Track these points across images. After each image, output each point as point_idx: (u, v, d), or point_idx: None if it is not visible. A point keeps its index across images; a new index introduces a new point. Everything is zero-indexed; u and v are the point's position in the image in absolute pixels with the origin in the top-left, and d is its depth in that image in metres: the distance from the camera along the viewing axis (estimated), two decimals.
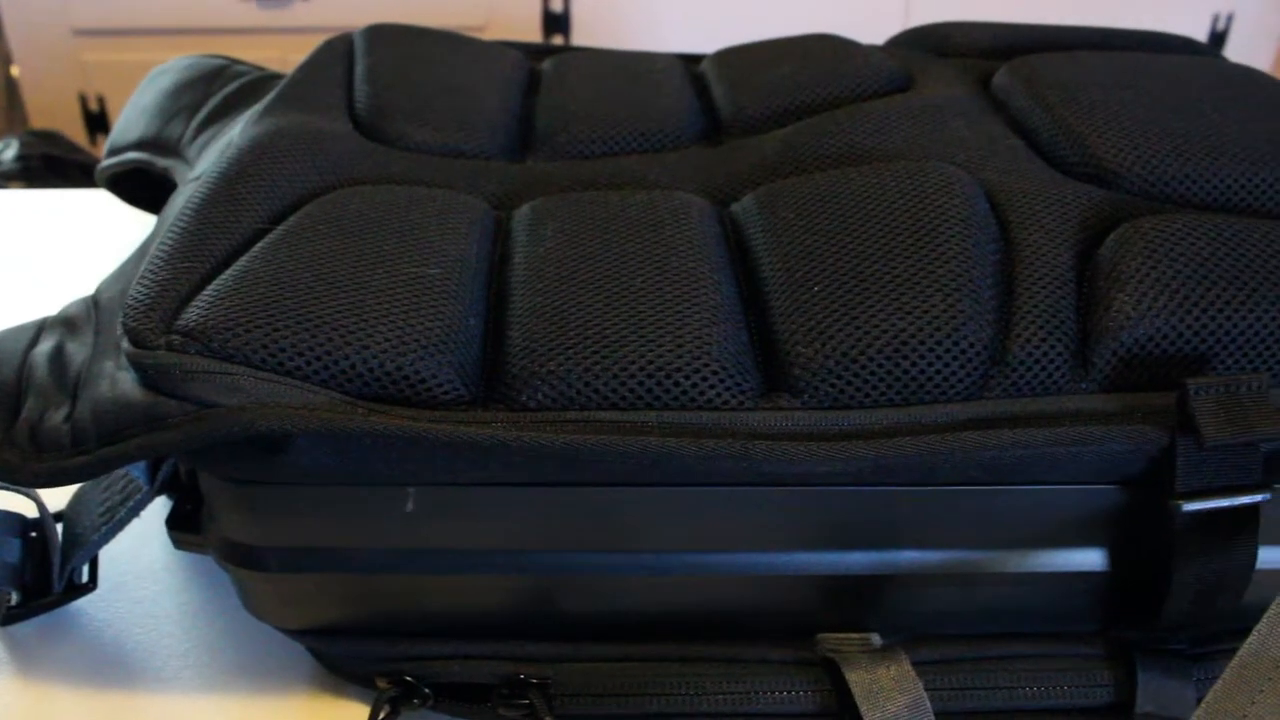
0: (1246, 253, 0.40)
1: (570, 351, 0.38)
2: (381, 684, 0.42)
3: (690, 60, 0.64)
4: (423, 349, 0.38)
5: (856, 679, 0.39)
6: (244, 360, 0.37)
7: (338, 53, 0.61)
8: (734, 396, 0.37)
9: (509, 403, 0.37)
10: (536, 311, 0.40)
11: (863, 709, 0.38)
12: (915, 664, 0.40)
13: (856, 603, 0.41)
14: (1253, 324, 0.39)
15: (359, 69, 0.58)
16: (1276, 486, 0.39)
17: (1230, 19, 2.06)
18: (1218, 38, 2.05)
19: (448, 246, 0.42)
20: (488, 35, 0.69)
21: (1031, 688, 0.42)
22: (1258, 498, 0.37)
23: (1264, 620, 0.34)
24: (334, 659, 0.44)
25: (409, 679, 0.42)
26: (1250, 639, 0.34)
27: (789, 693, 0.40)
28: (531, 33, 1.86)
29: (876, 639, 0.41)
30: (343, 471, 0.38)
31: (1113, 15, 1.93)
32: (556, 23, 1.84)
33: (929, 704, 0.38)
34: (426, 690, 0.42)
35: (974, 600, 0.41)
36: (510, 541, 0.40)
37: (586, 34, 1.86)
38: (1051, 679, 0.42)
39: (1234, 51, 2.10)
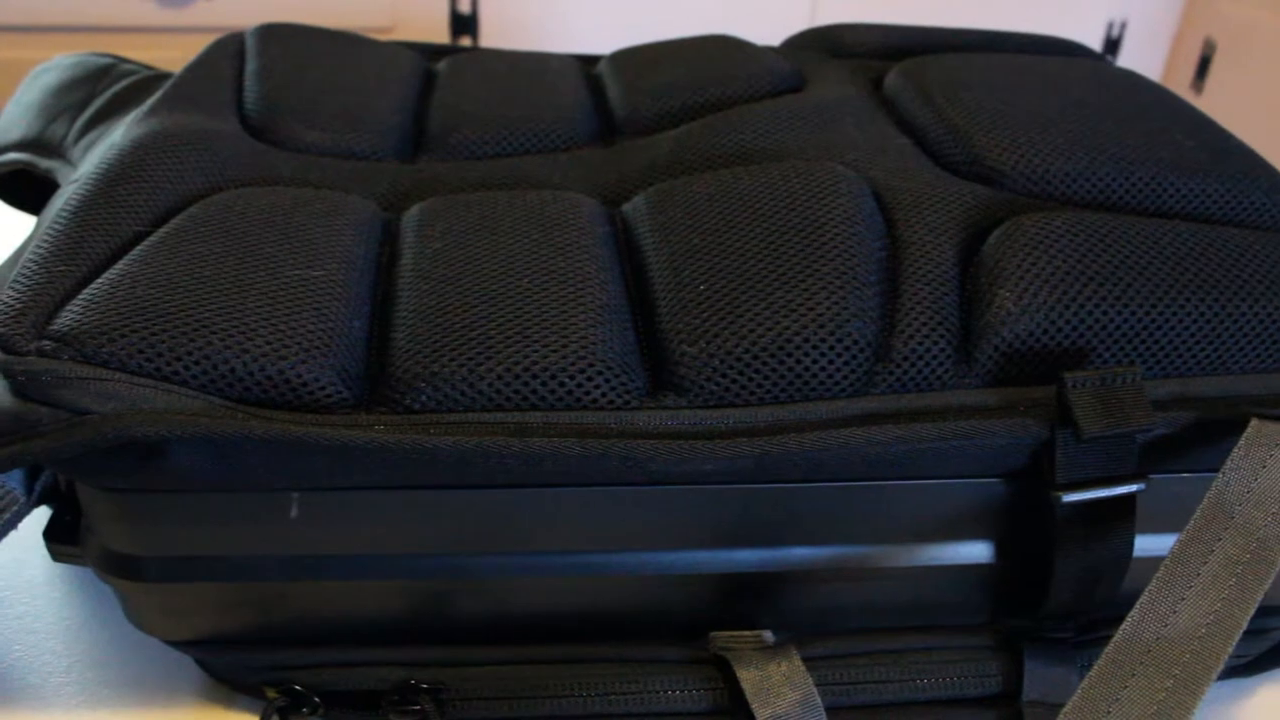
0: (1122, 249, 0.41)
1: (454, 353, 0.37)
2: (270, 694, 0.42)
3: (587, 61, 0.64)
4: (304, 352, 0.37)
5: (748, 676, 0.39)
6: (119, 365, 0.36)
7: (228, 52, 0.60)
8: (619, 396, 0.37)
9: (392, 405, 0.37)
10: (421, 313, 0.39)
11: (754, 706, 0.38)
12: (807, 659, 0.41)
13: (748, 600, 0.41)
14: (1128, 318, 0.39)
15: (250, 69, 0.57)
16: (1152, 477, 0.40)
17: (1124, 26, 2.11)
18: (1112, 44, 2.11)
19: (333, 248, 0.42)
20: (395, 36, 0.68)
21: (922, 680, 0.42)
22: (1134, 487, 0.38)
23: (1136, 607, 0.35)
24: (221, 669, 0.43)
25: (298, 688, 0.41)
26: (1124, 626, 0.35)
27: (681, 691, 0.40)
28: (439, 34, 1.84)
29: (769, 636, 0.41)
30: (223, 478, 0.37)
31: (1010, 20, 1.97)
32: (464, 24, 1.83)
33: (819, 699, 0.39)
34: (316, 699, 0.41)
35: (865, 595, 0.42)
36: (399, 545, 0.39)
37: (495, 36, 1.85)
38: (942, 671, 0.42)
39: (1128, 57, 2.16)
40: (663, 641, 0.42)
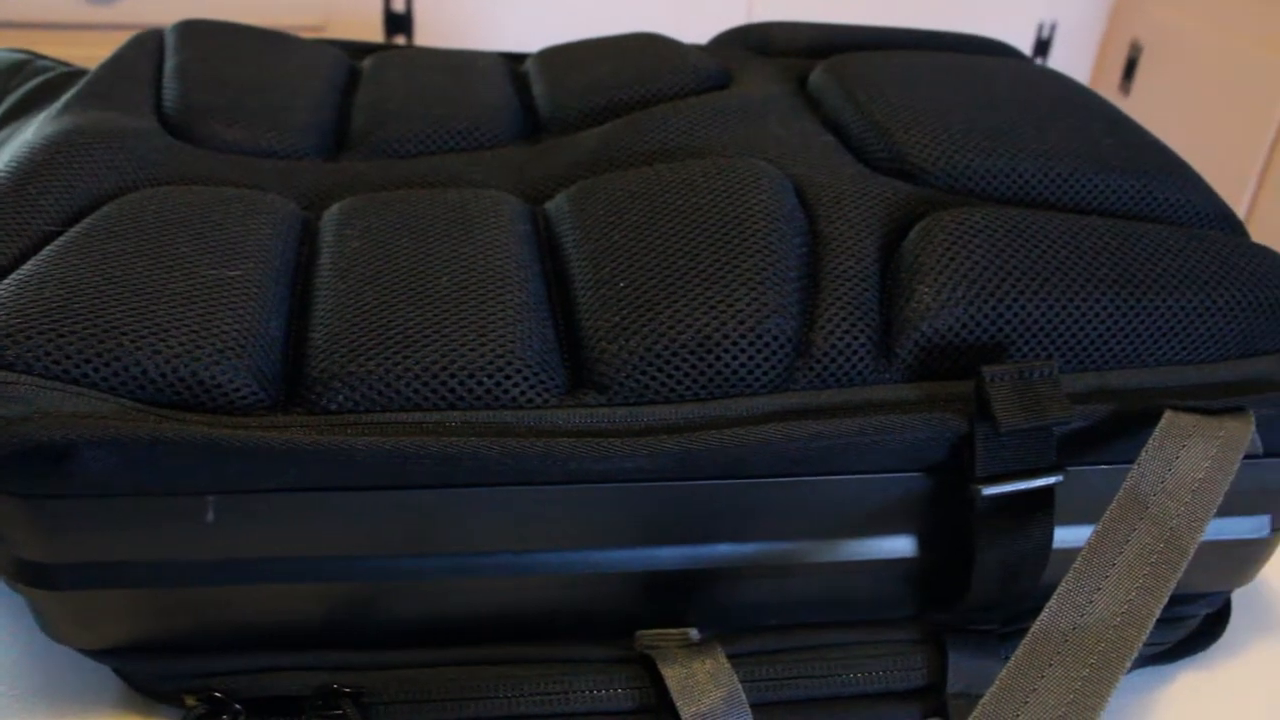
0: (1040, 244, 0.42)
1: (371, 353, 0.37)
2: (189, 701, 0.41)
3: (514, 59, 0.63)
4: (218, 353, 0.36)
5: (672, 674, 0.39)
6: (26, 368, 0.35)
7: (147, 49, 0.58)
8: (538, 395, 0.37)
9: (309, 406, 0.36)
10: (339, 313, 0.39)
11: (679, 704, 0.38)
12: (733, 656, 0.41)
13: (674, 598, 0.41)
14: (1045, 312, 0.40)
15: (168, 66, 0.56)
16: (1070, 469, 0.40)
17: (1054, 27, 2.14)
18: (1043, 45, 2.14)
19: (251, 247, 0.41)
20: (327, 35, 0.67)
21: (848, 675, 0.42)
22: (1052, 480, 0.39)
23: (1054, 598, 0.35)
24: (139, 678, 0.42)
25: (218, 695, 0.41)
26: (1041, 616, 0.35)
27: (607, 691, 0.40)
28: (373, 33, 1.82)
29: (695, 633, 0.41)
30: (136, 482, 0.36)
31: (942, 22, 1.99)
32: (398, 23, 1.81)
33: (744, 696, 0.39)
34: (237, 705, 0.41)
35: (790, 591, 0.42)
36: (318, 548, 0.39)
37: (430, 34, 1.83)
38: (867, 665, 0.42)
39: (1058, 58, 2.19)
40: (588, 641, 0.41)
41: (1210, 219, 0.47)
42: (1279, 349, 0.43)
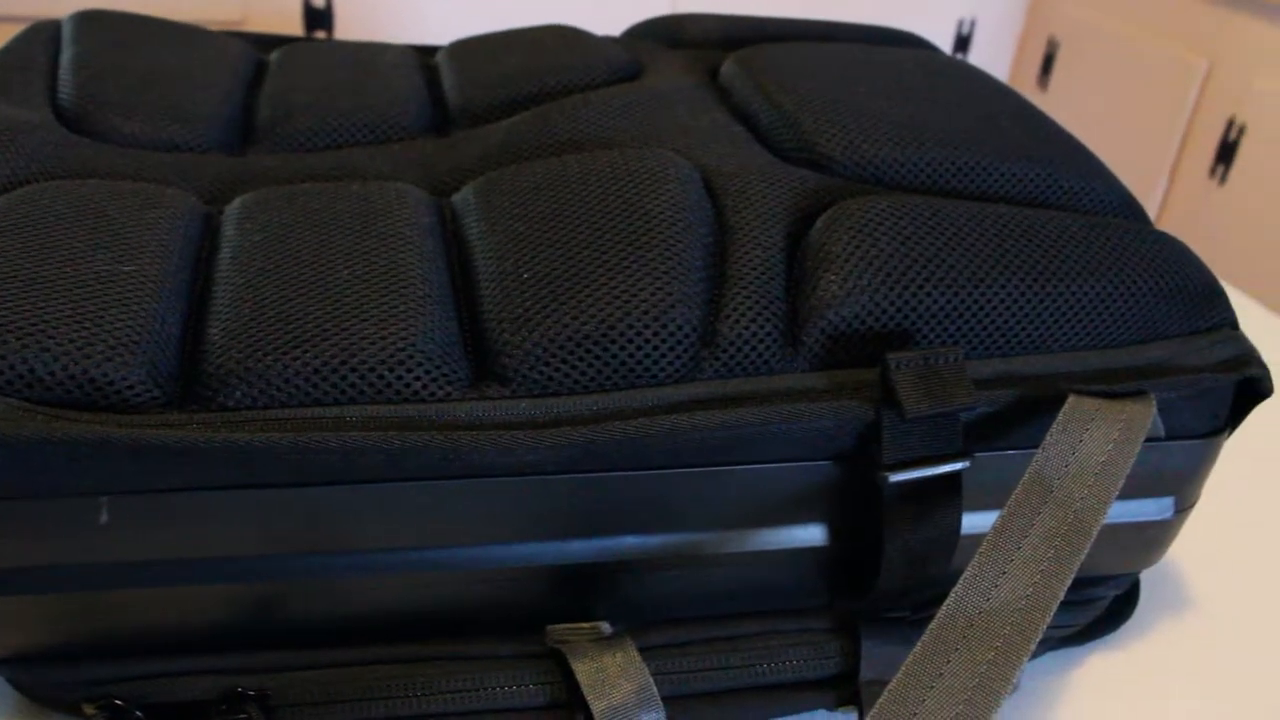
0: (946, 231, 0.42)
1: (269, 348, 0.36)
2: (89, 710, 0.40)
3: (426, 52, 0.62)
4: (111, 350, 0.35)
5: (583, 668, 0.38)
6: None
7: (43, 39, 0.57)
8: (440, 388, 0.36)
9: (206, 403, 0.36)
10: (237, 308, 0.38)
11: (589, 698, 0.38)
12: (645, 649, 0.40)
13: (584, 592, 0.41)
14: (950, 299, 0.40)
15: (65, 56, 0.55)
16: (977, 455, 0.40)
17: (974, 24, 2.17)
18: (963, 41, 2.17)
19: (147, 242, 0.40)
20: (246, 29, 0.66)
21: (761, 665, 0.42)
22: (958, 466, 0.39)
23: (960, 583, 0.35)
24: (35, 687, 0.41)
25: (118, 702, 0.40)
26: (947, 601, 0.35)
27: (517, 687, 0.40)
28: (292, 27, 1.80)
29: (606, 627, 0.41)
30: (25, 484, 0.35)
31: (862, 17, 2.01)
32: (318, 18, 1.79)
33: (655, 689, 0.38)
34: (138, 712, 0.40)
35: (702, 582, 0.42)
36: (220, 548, 0.38)
37: (350, 29, 1.81)
38: (780, 655, 0.42)
39: (977, 54, 2.22)
40: (499, 637, 0.41)
41: (1114, 207, 0.48)
42: (1180, 333, 0.44)
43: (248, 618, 0.40)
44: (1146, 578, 0.54)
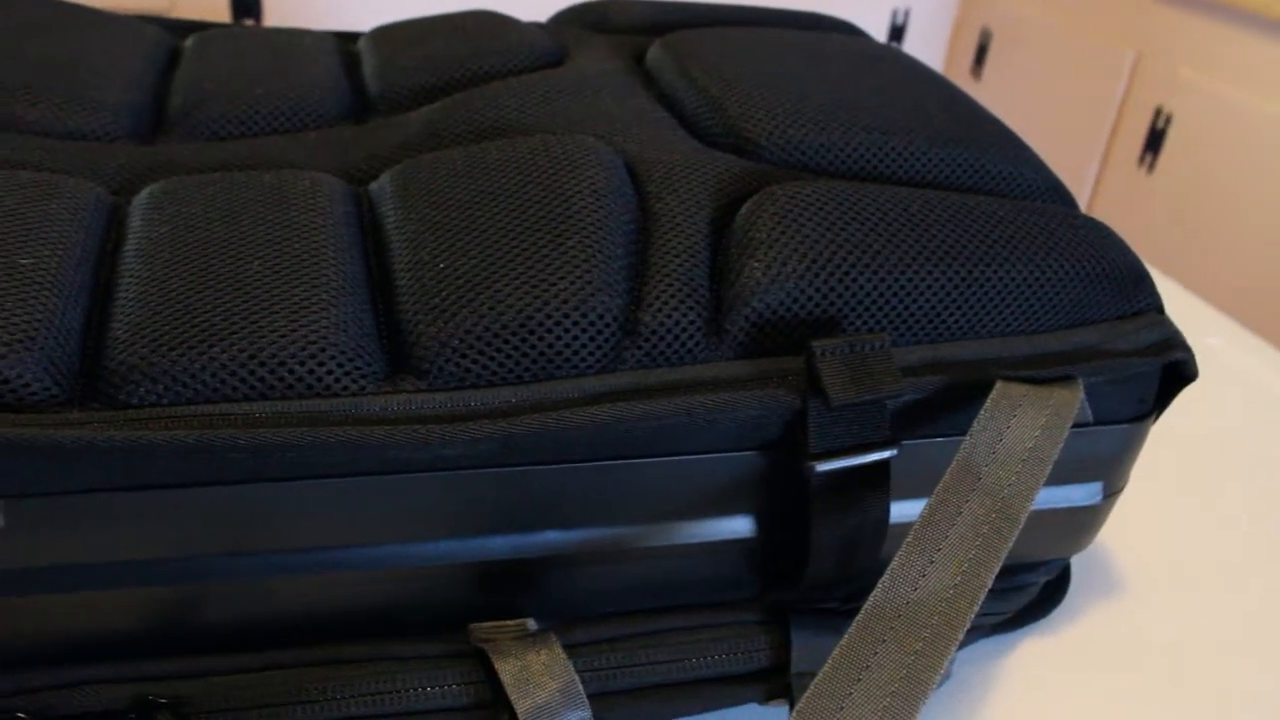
0: (872, 217, 0.41)
1: (175, 343, 0.34)
2: None
3: (347, 39, 0.61)
4: (6, 346, 0.34)
5: (506, 667, 0.37)
6: None
7: None
8: (354, 381, 0.35)
9: (108, 401, 0.34)
10: (142, 302, 0.36)
11: (513, 698, 0.37)
12: (571, 646, 0.39)
13: (508, 589, 0.40)
14: (877, 285, 0.40)
15: None
16: (906, 443, 0.40)
17: (908, 14, 2.18)
18: (898, 31, 2.18)
19: (46, 234, 0.38)
20: (173, 16, 0.64)
21: (690, 659, 0.41)
22: (886, 454, 0.39)
23: (887, 572, 0.35)
24: None
25: (21, 715, 0.38)
26: (875, 591, 0.35)
27: (440, 687, 0.38)
28: (220, 15, 1.76)
29: (531, 624, 0.40)
30: None
31: (799, 6, 2.01)
32: (247, 5, 1.76)
33: (581, 687, 0.38)
34: None
35: (629, 576, 0.41)
36: (125, 552, 0.36)
37: (279, 17, 1.78)
38: (710, 649, 0.42)
39: (911, 45, 2.24)
40: (422, 637, 0.40)
41: (1041, 192, 0.48)
42: (1107, 318, 0.44)
43: (159, 622, 0.38)
44: (1077, 563, 0.54)
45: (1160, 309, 0.45)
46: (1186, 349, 0.44)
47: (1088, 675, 0.48)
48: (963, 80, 2.26)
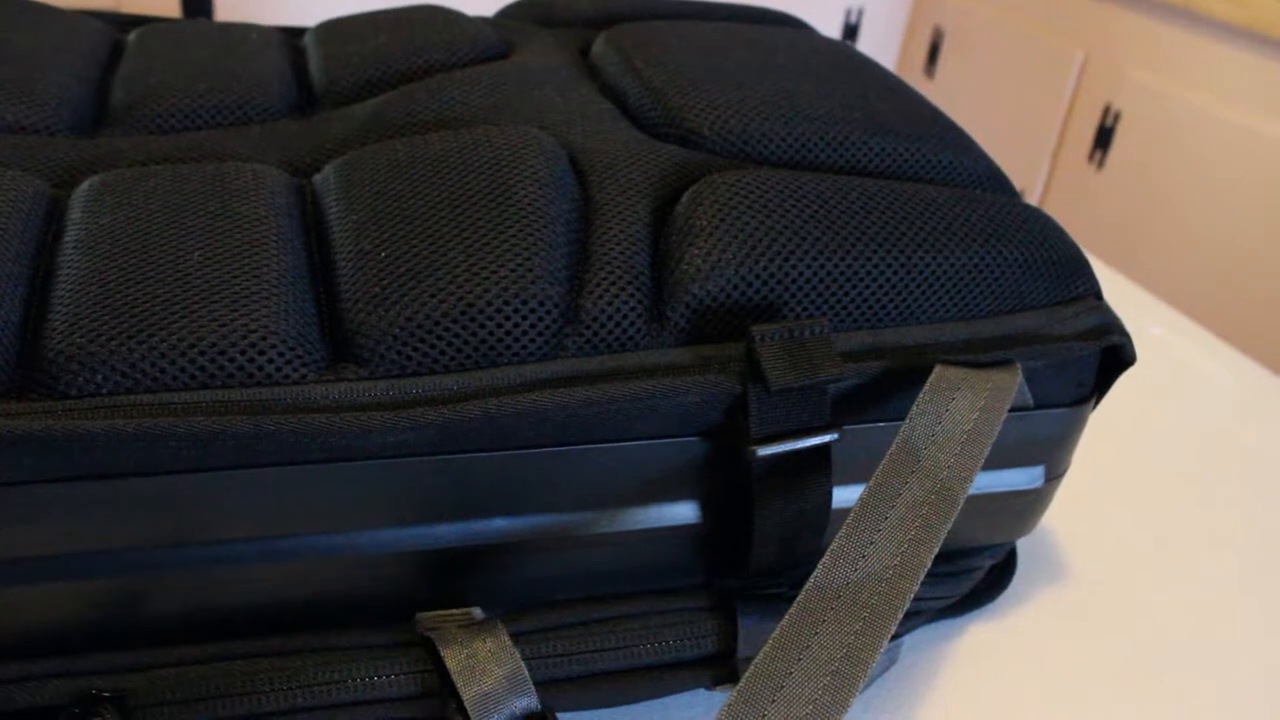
0: (812, 204, 0.42)
1: (114, 332, 0.34)
2: None
3: (293, 34, 0.61)
4: None
5: (452, 655, 0.37)
6: None
7: None
8: (296, 370, 0.35)
9: (45, 391, 0.34)
10: (81, 292, 0.36)
11: (459, 686, 0.37)
12: (518, 634, 0.40)
13: (453, 577, 0.40)
14: (817, 271, 0.40)
15: None
16: (847, 428, 0.40)
17: (861, 13, 2.20)
18: (851, 29, 2.19)
19: None
20: (121, 13, 0.63)
21: (637, 647, 0.42)
22: (827, 438, 0.39)
23: (827, 554, 0.35)
24: None
25: None
26: (815, 573, 0.35)
27: (388, 676, 0.38)
28: (170, 11, 1.75)
29: (478, 613, 0.40)
30: None
31: (753, 2, 2.02)
32: (197, 3, 1.74)
33: (527, 674, 0.38)
34: None
35: (575, 564, 0.41)
36: (66, 544, 0.36)
37: (230, 14, 1.76)
38: (657, 635, 0.42)
39: (864, 43, 2.25)
40: (369, 627, 0.40)
41: (981, 180, 0.49)
42: (1045, 304, 0.45)
43: (101, 616, 0.38)
44: (1023, 548, 0.55)
45: (1099, 295, 0.46)
46: (1124, 333, 0.44)
47: (1033, 661, 0.49)
48: (916, 79, 2.28)
